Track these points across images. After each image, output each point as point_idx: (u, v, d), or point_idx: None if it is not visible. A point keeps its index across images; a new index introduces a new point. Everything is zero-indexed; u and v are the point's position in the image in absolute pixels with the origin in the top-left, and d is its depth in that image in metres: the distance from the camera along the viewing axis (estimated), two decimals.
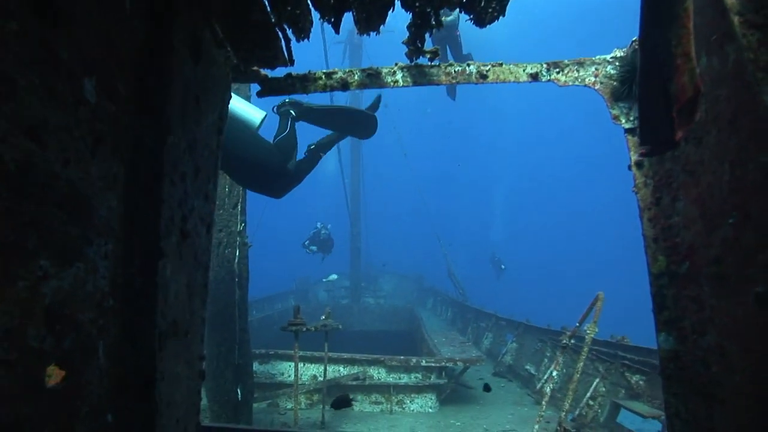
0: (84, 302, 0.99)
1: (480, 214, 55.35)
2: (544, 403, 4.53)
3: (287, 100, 4.70)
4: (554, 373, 4.56)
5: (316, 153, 4.72)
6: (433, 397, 7.05)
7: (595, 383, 6.23)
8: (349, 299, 19.52)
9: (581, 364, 3.99)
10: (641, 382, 5.58)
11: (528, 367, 8.88)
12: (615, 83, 2.21)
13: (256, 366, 7.27)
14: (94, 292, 1.04)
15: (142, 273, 1.22)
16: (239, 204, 5.40)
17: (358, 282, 19.38)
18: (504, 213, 55.87)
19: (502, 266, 25.33)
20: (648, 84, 1.48)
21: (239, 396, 5.22)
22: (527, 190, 56.39)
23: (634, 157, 2.13)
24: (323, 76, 2.15)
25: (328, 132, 5.06)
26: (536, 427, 4.52)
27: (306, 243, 16.98)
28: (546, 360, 8.47)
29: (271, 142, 4.57)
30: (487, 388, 5.54)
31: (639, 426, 5.80)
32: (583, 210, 54.13)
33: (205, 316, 1.98)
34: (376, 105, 5.14)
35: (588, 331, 3.99)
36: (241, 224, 5.44)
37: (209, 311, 5.28)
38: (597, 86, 2.24)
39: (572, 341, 4.66)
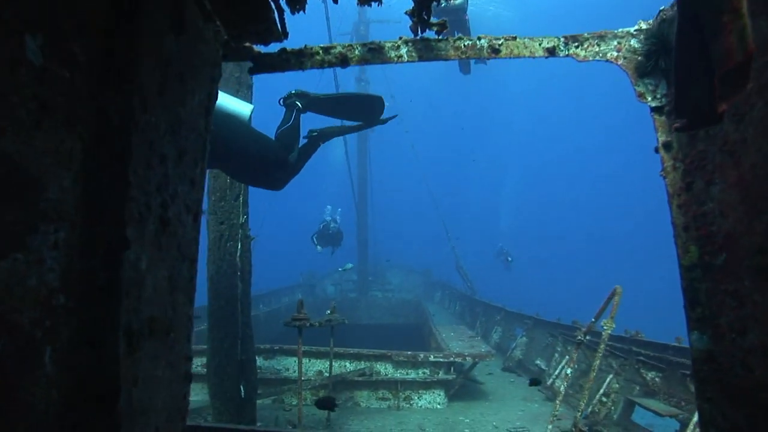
0: (23, 300, 0.83)
1: (489, 206, 54.85)
2: (558, 402, 4.35)
3: (293, 92, 4.53)
4: (568, 371, 4.38)
5: (316, 141, 4.55)
6: (441, 393, 6.90)
7: (608, 380, 6.04)
8: (357, 293, 19.41)
9: (597, 362, 3.81)
10: (657, 379, 5.38)
11: (538, 362, 8.71)
12: (640, 58, 2.01)
13: (261, 361, 7.16)
14: (39, 288, 0.88)
15: (105, 266, 1.06)
16: (241, 196, 5.25)
17: (366, 275, 19.25)
18: (513, 205, 55.23)
19: (509, 258, 25.08)
20: (686, 46, 1.30)
21: (242, 393, 5.09)
22: (537, 181, 55.83)
23: (661, 138, 1.93)
24: (320, 51, 1.98)
25: (332, 119, 4.90)
26: (549, 427, 4.35)
27: (314, 239, 16.56)
28: (557, 355, 8.29)
29: (275, 132, 4.42)
30: (534, 382, 5.24)
31: (655, 424, 5.61)
32: (593, 199, 53.53)
33: (192, 313, 1.82)
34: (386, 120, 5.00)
35: (605, 327, 3.80)
36: (243, 216, 5.29)
37: (211, 306, 5.16)
38: (620, 61, 2.05)
39: (587, 338, 4.48)
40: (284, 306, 15.18)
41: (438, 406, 6.83)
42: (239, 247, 5.16)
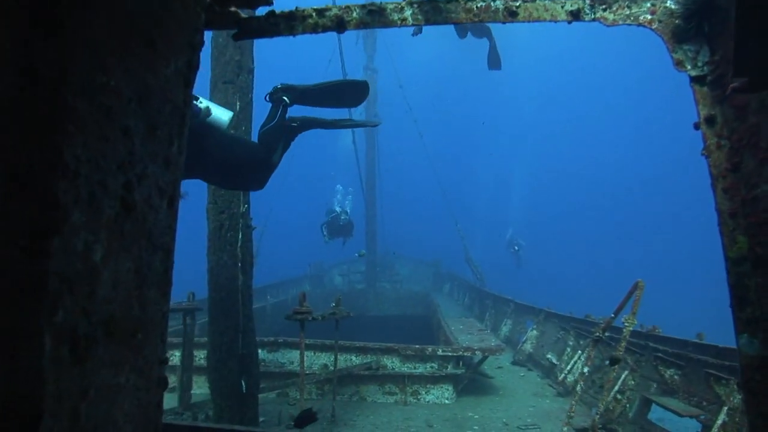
0: None
1: (499, 197, 54.12)
2: (574, 402, 4.12)
3: (279, 86, 4.29)
4: (585, 370, 4.14)
5: (295, 131, 4.29)
6: (449, 388, 6.71)
7: (623, 376, 5.80)
8: (365, 284, 19.25)
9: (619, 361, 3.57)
10: (676, 377, 5.13)
11: (549, 356, 8.48)
12: (678, 21, 1.77)
13: (264, 354, 7.01)
14: None
15: (28, 256, 0.85)
16: None
17: (374, 266, 19.06)
18: (524, 194, 54.24)
19: (516, 247, 24.76)
20: None
21: (243, 388, 4.92)
22: (548, 169, 55.00)
23: (703, 112, 1.69)
24: (313, 14, 1.75)
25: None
26: (565, 429, 4.13)
27: (323, 230, 16.08)
28: (569, 349, 8.06)
29: (259, 130, 4.21)
30: (614, 361, 4.77)
31: (665, 419, 5.35)
32: (608, 187, 52.63)
33: (168, 309, 1.61)
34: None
35: (626, 324, 3.56)
36: (244, 206, 5.09)
37: (211, 299, 4.98)
38: (654, 25, 1.80)
39: (606, 334, 4.24)
40: (291, 297, 15.05)
41: (446, 402, 6.64)
42: (240, 237, 4.97)
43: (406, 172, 45.02)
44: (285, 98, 4.18)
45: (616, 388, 5.70)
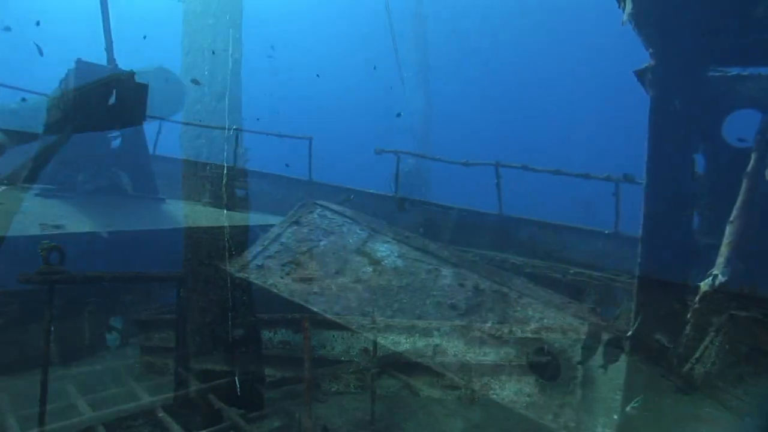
0: None
1: (562, 152, 49.50)
2: None
3: None
4: None
5: None
6: (531, 381, 4.96)
7: None
8: None
9: None
10: None
11: (657, 337, 6.51)
12: None
13: (289, 336, 5.50)
14: None
15: None
16: (226, 95, 3.42)
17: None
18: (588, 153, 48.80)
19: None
20: None
21: (238, 386, 3.41)
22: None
23: None
24: None
25: None
26: None
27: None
28: (689, 328, 6.06)
29: None
30: None
31: None
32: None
33: None
34: None
35: None
36: (231, 128, 3.48)
37: (187, 260, 3.44)
38: None
39: None
40: None
41: (527, 399, 4.92)
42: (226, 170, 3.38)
43: (462, 126, 42.46)
44: None
45: None
